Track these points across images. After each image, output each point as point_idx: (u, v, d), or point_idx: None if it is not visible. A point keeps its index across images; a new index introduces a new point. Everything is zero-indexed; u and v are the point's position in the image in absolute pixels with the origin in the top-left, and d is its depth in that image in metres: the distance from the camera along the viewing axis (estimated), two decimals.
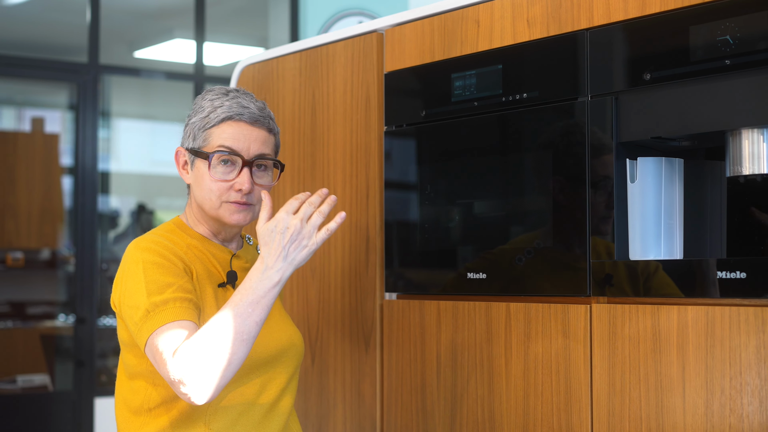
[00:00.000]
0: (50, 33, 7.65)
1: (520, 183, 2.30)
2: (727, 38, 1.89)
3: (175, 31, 7.61)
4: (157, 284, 2.09)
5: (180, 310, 2.07)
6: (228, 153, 2.20)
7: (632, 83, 2.06)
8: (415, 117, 2.54)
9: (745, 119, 1.90)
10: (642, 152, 2.11)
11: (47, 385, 6.97)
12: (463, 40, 2.43)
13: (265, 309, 2.08)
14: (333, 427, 2.75)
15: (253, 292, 2.08)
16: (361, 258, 2.67)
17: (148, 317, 2.06)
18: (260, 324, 2.07)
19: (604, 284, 2.09)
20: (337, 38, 2.80)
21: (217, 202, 2.22)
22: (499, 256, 2.31)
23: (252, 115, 2.23)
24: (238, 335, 2.03)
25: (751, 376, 1.84)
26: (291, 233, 2.13)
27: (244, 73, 3.15)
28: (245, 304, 2.06)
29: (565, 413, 2.15)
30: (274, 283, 2.10)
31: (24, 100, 9.25)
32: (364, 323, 2.66)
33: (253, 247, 2.41)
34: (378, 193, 2.63)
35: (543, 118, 2.24)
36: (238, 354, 2.03)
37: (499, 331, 2.30)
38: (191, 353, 2.00)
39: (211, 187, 2.22)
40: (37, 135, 8.35)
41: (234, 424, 2.18)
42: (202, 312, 2.16)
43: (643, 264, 2.03)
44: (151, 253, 2.14)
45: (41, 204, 8.00)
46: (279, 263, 2.11)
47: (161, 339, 2.04)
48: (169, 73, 7.37)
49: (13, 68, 6.84)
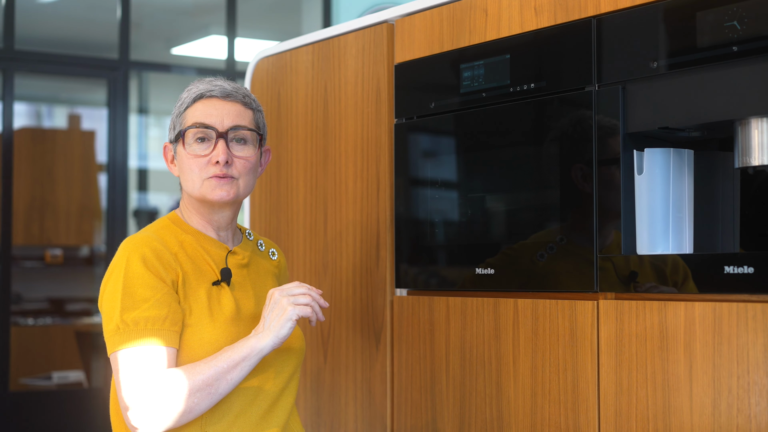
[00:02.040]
0: (86, 30, 7.67)
1: (532, 176, 2.23)
2: (734, 24, 1.82)
3: (210, 28, 7.61)
4: (133, 299, 2.08)
5: (149, 332, 2.05)
6: (201, 127, 2.18)
7: (639, 72, 1.99)
8: (424, 109, 2.48)
9: (754, 108, 1.83)
10: (651, 143, 2.04)
11: (82, 382, 6.99)
12: (472, 29, 2.37)
13: (240, 371, 2.09)
14: (345, 425, 2.70)
15: (232, 351, 2.09)
16: (371, 254, 2.62)
17: (116, 333, 2.06)
18: (231, 384, 2.08)
19: (629, 281, 2.01)
20: (349, 29, 2.75)
21: (198, 181, 2.20)
22: (519, 252, 2.24)
23: (224, 90, 2.22)
24: (206, 387, 2.06)
25: (758, 375, 1.77)
26: (271, 302, 2.14)
27: (258, 66, 3.11)
28: (223, 360, 2.08)
29: (572, 412, 2.09)
30: (251, 348, 2.10)
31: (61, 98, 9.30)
32: (374, 320, 2.61)
33: (253, 242, 2.36)
34: (388, 187, 2.58)
35: (551, 109, 2.17)
36: (201, 406, 2.06)
37: (507, 328, 2.24)
38: (149, 390, 2.01)
39: (191, 166, 2.20)
40: (74, 132, 8.39)
41: (231, 426, 2.14)
42: (191, 313, 2.13)
43: (672, 264, 1.94)
44: (138, 255, 2.11)
45: (80, 201, 8.04)
46: (259, 329, 2.13)
47: (123, 361, 2.05)
48: (200, 69, 7.36)
49: (46, 65, 6.87)
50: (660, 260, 1.95)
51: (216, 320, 2.14)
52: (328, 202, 2.78)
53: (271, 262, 2.39)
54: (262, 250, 2.37)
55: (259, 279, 2.32)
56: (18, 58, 6.48)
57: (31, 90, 8.88)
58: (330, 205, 2.77)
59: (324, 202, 2.80)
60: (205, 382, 2.05)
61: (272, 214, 3.01)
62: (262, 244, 2.38)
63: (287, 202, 2.95)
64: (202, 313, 2.14)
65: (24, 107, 9.23)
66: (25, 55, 6.62)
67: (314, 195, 2.84)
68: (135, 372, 2.03)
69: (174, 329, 2.09)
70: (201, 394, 2.04)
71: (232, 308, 2.18)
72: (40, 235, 7.90)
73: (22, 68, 6.60)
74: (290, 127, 2.95)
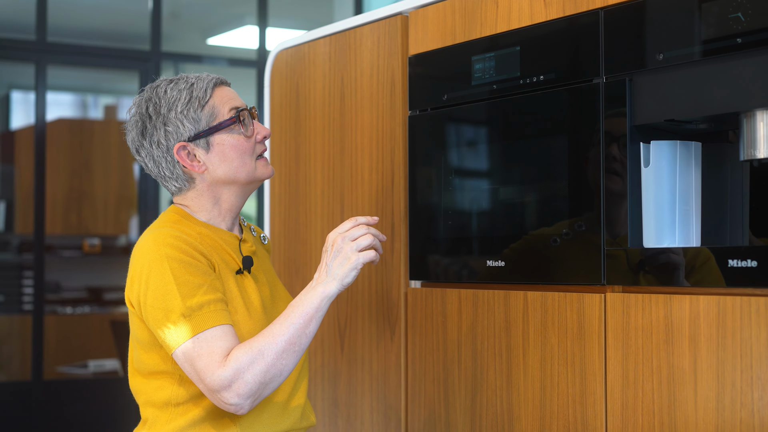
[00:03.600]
0: (120, 21, 7.72)
1: (545, 168, 2.22)
2: (738, 15, 1.80)
3: (245, 18, 7.64)
4: (188, 286, 2.07)
5: (216, 314, 2.06)
6: (243, 109, 2.23)
7: (646, 64, 1.98)
8: (438, 101, 2.48)
9: (759, 100, 1.81)
10: (660, 135, 2.03)
11: (117, 371, 7.06)
12: (483, 21, 2.37)
13: (316, 322, 2.10)
14: (360, 415, 2.71)
15: (302, 305, 2.10)
16: (386, 245, 2.62)
17: (184, 322, 2.05)
18: (311, 336, 2.10)
19: (638, 271, 2.00)
20: (364, 21, 2.75)
21: (252, 163, 2.24)
22: (533, 240, 2.23)
23: (222, 79, 2.28)
24: (290, 346, 2.06)
25: (761, 370, 1.76)
26: (334, 250, 2.14)
27: (278, 58, 3.12)
28: (297, 316, 2.08)
29: (580, 405, 2.09)
30: (321, 297, 2.11)
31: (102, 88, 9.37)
32: (389, 311, 2.62)
33: (247, 228, 2.37)
34: (402, 179, 2.58)
35: (560, 101, 2.16)
36: (290, 365, 2.07)
37: (517, 320, 2.24)
38: (240, 364, 2.02)
39: (243, 149, 2.23)
40: (110, 123, 8.45)
41: (261, 413, 2.18)
42: (229, 303, 2.15)
43: (692, 253, 1.92)
44: (174, 249, 2.10)
45: (117, 191, 8.10)
46: (323, 277, 2.14)
47: (204, 345, 2.04)
48: (231, 59, 7.39)
49: (78, 57, 6.92)
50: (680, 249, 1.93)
51: (252, 313, 2.18)
52: (345, 194, 2.79)
53: (264, 246, 2.43)
54: (255, 236, 2.39)
55: (265, 264, 2.36)
56: (50, 51, 6.54)
57: (73, 80, 8.96)
58: (347, 196, 2.78)
59: (341, 193, 2.81)
60: (288, 342, 2.06)
61: (291, 205, 3.03)
62: (254, 230, 2.40)
63: (305, 193, 2.96)
64: (238, 302, 2.16)
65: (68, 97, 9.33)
66: (58, 47, 6.68)
67: (331, 187, 2.85)
68: (218, 352, 2.03)
69: (228, 310, 2.12)
70: (287, 354, 2.06)
71: (259, 298, 2.21)
72: (78, 224, 7.97)
73: (55, 60, 6.66)
74: (308, 119, 2.96)
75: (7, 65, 8.08)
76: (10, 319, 7.36)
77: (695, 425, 1.86)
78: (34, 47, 6.46)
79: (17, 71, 8.45)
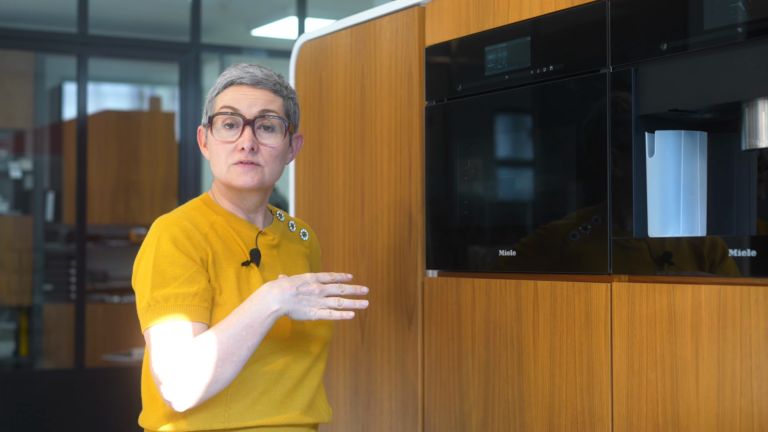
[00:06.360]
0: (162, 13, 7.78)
1: (558, 159, 2.23)
2: (739, 5, 1.80)
3: (288, 9, 7.67)
4: (163, 276, 2.12)
5: (180, 308, 2.09)
6: (229, 114, 2.21)
7: (650, 54, 1.98)
8: (453, 92, 2.50)
9: (760, 90, 1.81)
10: (666, 125, 2.03)
11: None
12: (496, 12, 2.38)
13: (258, 336, 2.10)
14: (380, 403, 2.74)
15: (249, 315, 2.10)
16: (404, 235, 2.64)
17: (148, 310, 2.11)
18: (252, 348, 2.10)
19: (662, 262, 2.00)
20: (384, 13, 2.77)
21: (225, 167, 2.23)
22: (551, 232, 2.24)
23: (254, 78, 2.24)
24: (227, 356, 2.07)
25: (760, 359, 1.76)
26: (307, 290, 2.13)
27: (302, 50, 3.15)
28: (240, 327, 2.09)
29: (587, 394, 2.10)
30: (271, 311, 2.10)
31: (152, 79, 9.45)
32: (407, 301, 2.64)
33: (284, 223, 2.38)
34: (419, 169, 2.60)
35: (569, 91, 2.17)
36: (226, 374, 2.08)
37: (527, 310, 2.25)
38: (178, 363, 2.05)
39: (218, 151, 2.24)
40: (156, 114, 8.53)
41: (255, 404, 2.18)
42: (221, 293, 2.17)
43: (710, 243, 1.91)
44: (168, 234, 2.15)
45: (163, 181, 8.17)
46: (284, 296, 2.12)
47: (154, 337, 2.09)
48: (270, 50, 7.42)
49: (118, 49, 7.00)
50: (698, 240, 1.93)
51: (244, 300, 2.18)
52: (365, 184, 2.81)
53: (302, 242, 2.42)
54: (293, 231, 2.41)
55: (290, 259, 2.35)
56: (91, 43, 6.61)
57: (123, 72, 9.04)
58: (367, 187, 2.80)
59: (361, 184, 2.83)
60: (227, 352, 2.07)
61: (314, 196, 3.06)
62: (293, 225, 2.41)
63: (328, 184, 2.99)
64: (232, 293, 2.18)
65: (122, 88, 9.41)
66: (99, 39, 6.75)
67: (352, 178, 2.87)
68: (164, 347, 2.07)
69: (204, 305, 2.12)
70: (225, 364, 2.07)
71: None
72: (125, 214, 8.05)
73: (96, 53, 6.74)
74: (331, 110, 2.98)
75: (58, 58, 8.18)
76: (58, 308, 7.47)
77: (696, 414, 1.86)
78: (75, 40, 6.54)
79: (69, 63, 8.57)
